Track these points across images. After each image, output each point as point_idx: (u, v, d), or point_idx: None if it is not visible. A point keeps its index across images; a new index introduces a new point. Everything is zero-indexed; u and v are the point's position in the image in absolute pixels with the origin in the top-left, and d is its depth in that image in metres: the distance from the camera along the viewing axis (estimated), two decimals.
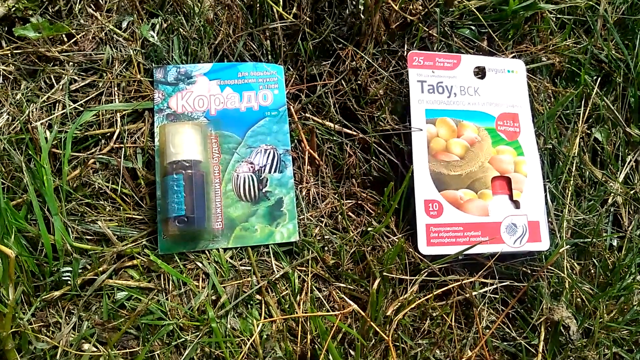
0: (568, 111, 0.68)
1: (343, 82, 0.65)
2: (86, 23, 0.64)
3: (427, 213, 0.56)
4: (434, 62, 0.61)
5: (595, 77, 0.70)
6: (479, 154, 0.60)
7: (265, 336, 0.56)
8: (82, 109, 0.61)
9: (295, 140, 0.63)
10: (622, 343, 0.59)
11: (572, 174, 0.65)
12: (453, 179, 0.58)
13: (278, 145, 0.62)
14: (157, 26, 0.65)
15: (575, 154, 0.66)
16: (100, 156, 0.60)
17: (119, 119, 0.62)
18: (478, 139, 0.61)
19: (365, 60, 0.65)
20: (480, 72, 0.63)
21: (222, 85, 0.63)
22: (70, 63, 0.63)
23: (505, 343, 0.59)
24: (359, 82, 0.64)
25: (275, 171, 0.61)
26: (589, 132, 0.68)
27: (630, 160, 0.67)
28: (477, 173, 0.59)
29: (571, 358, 0.58)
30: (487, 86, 0.62)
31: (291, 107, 0.64)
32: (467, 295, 0.58)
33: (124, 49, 0.64)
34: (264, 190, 0.61)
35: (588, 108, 0.68)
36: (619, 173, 0.66)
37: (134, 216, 0.59)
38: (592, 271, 0.61)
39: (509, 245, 0.58)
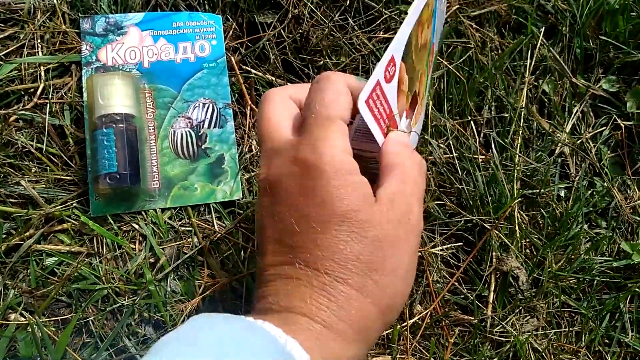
0: (515, 63, 0.67)
1: (286, 33, 0.62)
2: None
3: (385, 70, 0.41)
4: None
5: (541, 29, 0.69)
6: (423, 58, 0.46)
7: (208, 298, 0.53)
8: (1, 62, 0.56)
9: (237, 94, 0.60)
10: (570, 292, 0.59)
11: (521, 125, 0.64)
12: (416, 59, 0.45)
13: (217, 99, 0.59)
14: None
15: (523, 106, 0.65)
16: (23, 112, 0.55)
17: (42, 73, 0.57)
18: (427, 43, 0.46)
19: (309, 8, 0.62)
20: None
21: (155, 36, 0.59)
22: None
23: (455, 296, 0.58)
24: (300, 31, 0.61)
25: (215, 126, 0.58)
26: (536, 84, 0.67)
27: (577, 111, 0.67)
28: (417, 74, 0.46)
29: (521, 308, 0.57)
30: None
31: (232, 58, 0.60)
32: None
33: None
34: (203, 147, 0.58)
35: (534, 60, 0.67)
36: (565, 124, 0.66)
37: (62, 177, 0.55)
38: (541, 222, 0.61)
39: None
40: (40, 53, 0.57)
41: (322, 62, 0.61)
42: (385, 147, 0.39)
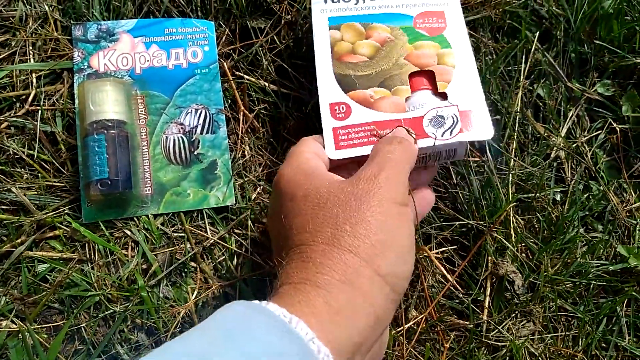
0: (510, 67, 0.67)
1: (279, 39, 0.62)
2: None
3: (333, 116, 0.52)
4: None
5: (535, 33, 0.69)
6: (392, 51, 0.56)
7: (201, 303, 0.53)
8: None
9: (229, 100, 0.60)
10: (566, 296, 0.58)
11: (515, 129, 0.64)
12: (362, 79, 0.54)
13: (210, 104, 0.59)
14: None
15: (518, 110, 0.64)
16: (15, 119, 0.55)
17: (34, 80, 0.57)
18: (390, 38, 0.57)
19: (302, 14, 0.61)
20: None
21: (147, 43, 0.59)
22: None
23: (450, 301, 0.57)
24: (293, 37, 0.61)
25: (207, 132, 0.58)
26: (530, 88, 0.67)
27: (572, 115, 0.66)
28: (390, 70, 0.56)
29: (517, 312, 0.57)
30: None
31: (224, 64, 0.60)
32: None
33: (39, 4, 0.59)
34: (195, 153, 0.57)
35: (529, 64, 0.67)
36: (561, 128, 0.66)
37: (54, 183, 0.55)
38: (536, 226, 0.61)
39: (437, 137, 0.51)
40: (31, 60, 0.57)
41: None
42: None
